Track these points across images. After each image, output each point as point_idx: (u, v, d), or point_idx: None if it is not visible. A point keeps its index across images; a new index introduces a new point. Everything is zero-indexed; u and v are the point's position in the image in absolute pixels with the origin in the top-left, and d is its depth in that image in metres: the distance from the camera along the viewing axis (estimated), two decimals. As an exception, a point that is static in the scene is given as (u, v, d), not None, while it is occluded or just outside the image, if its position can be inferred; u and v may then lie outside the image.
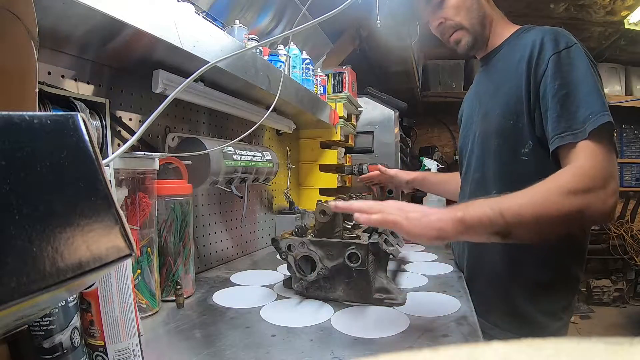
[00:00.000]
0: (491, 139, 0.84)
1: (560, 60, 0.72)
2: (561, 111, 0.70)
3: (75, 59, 0.69)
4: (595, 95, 0.68)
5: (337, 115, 1.63)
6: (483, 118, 0.87)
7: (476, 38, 0.88)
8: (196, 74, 0.56)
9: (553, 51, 0.73)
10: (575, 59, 0.71)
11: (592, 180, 0.63)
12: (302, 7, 0.87)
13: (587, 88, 0.69)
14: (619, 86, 3.48)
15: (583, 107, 0.68)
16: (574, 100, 0.69)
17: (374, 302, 0.72)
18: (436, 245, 1.35)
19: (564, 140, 0.69)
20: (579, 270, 0.82)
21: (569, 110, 0.69)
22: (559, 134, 0.70)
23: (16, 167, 0.19)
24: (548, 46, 0.74)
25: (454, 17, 0.87)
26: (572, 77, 0.70)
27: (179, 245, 0.76)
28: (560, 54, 0.72)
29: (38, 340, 0.36)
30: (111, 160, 0.54)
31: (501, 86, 0.83)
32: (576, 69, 0.71)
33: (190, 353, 0.54)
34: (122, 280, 0.44)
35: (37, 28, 0.31)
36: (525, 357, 0.12)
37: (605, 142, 0.66)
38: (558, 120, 0.70)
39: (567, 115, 0.69)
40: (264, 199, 1.39)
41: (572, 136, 0.68)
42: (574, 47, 0.73)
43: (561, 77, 0.71)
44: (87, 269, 0.21)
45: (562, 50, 0.72)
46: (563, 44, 0.73)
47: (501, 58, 0.86)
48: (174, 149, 0.89)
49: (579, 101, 0.69)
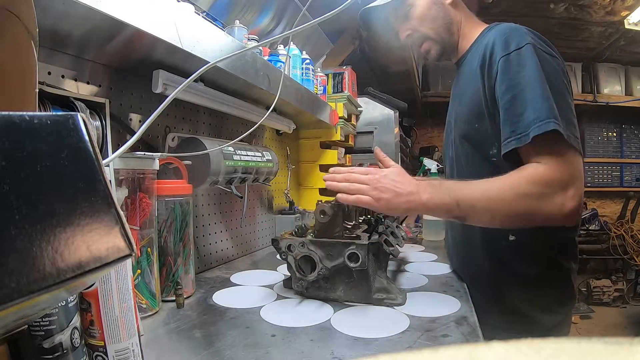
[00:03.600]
0: (462, 144, 0.84)
1: (508, 62, 0.71)
2: (506, 116, 0.70)
3: (75, 59, 0.69)
4: (540, 99, 0.66)
5: (337, 115, 1.63)
6: (455, 123, 0.88)
7: (444, 46, 0.89)
8: (196, 74, 0.56)
9: (502, 54, 0.72)
10: (524, 60, 0.70)
11: (547, 186, 0.64)
12: (302, 7, 0.87)
13: (534, 92, 0.67)
14: (619, 86, 3.48)
15: (528, 111, 0.67)
16: (519, 105, 0.68)
17: (374, 302, 0.72)
18: (436, 246, 1.35)
19: (509, 146, 0.69)
20: (570, 262, 0.81)
21: (515, 115, 0.69)
22: (505, 139, 0.70)
23: (16, 167, 0.19)
24: (498, 49, 0.73)
25: (420, 28, 0.88)
26: (518, 80, 0.69)
27: (179, 245, 0.76)
28: (509, 56, 0.71)
29: (38, 340, 0.36)
30: (111, 160, 0.54)
31: (465, 91, 0.83)
32: (524, 71, 0.69)
33: (190, 353, 0.54)
34: (122, 280, 0.44)
35: (37, 28, 0.31)
36: (525, 357, 0.12)
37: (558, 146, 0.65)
38: (504, 125, 0.70)
39: (512, 119, 0.69)
40: (264, 199, 1.39)
41: (515, 141, 0.68)
42: (525, 47, 0.70)
43: (508, 79, 0.70)
44: (87, 269, 0.21)
45: (511, 52, 0.71)
46: (514, 45, 0.72)
47: (467, 62, 0.87)
48: (174, 149, 0.89)
49: (524, 106, 0.67)
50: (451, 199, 0.66)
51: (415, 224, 1.88)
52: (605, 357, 0.11)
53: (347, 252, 0.69)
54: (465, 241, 0.90)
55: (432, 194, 0.67)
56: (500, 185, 0.66)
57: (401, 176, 0.70)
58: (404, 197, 0.67)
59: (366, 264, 0.69)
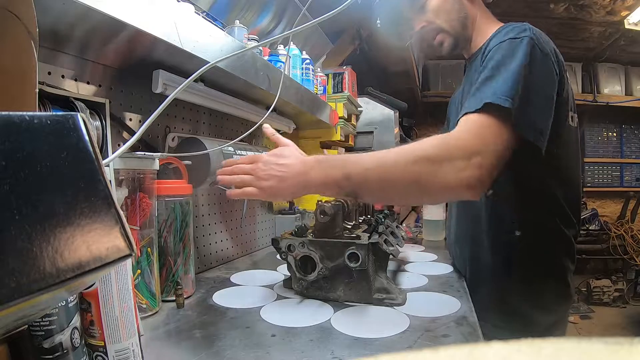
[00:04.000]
0: None
1: (499, 49, 0.70)
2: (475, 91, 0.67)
3: (75, 59, 0.69)
4: (510, 82, 0.64)
5: (337, 115, 1.63)
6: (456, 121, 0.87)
7: (457, 39, 0.89)
8: (196, 74, 0.56)
9: (498, 41, 0.72)
10: (514, 50, 0.68)
11: (450, 150, 0.59)
12: (302, 7, 0.87)
13: (507, 75, 0.65)
14: (619, 86, 3.48)
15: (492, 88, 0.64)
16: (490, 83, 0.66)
17: (374, 302, 0.72)
18: (436, 246, 1.35)
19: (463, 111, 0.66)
20: (568, 261, 0.81)
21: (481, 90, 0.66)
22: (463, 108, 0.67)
23: (16, 167, 0.19)
24: (497, 37, 0.73)
25: (435, 20, 0.87)
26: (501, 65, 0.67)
27: (179, 245, 0.76)
28: (502, 44, 0.70)
29: (38, 340, 0.36)
30: (111, 160, 0.54)
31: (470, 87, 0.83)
32: (510, 58, 0.68)
33: (190, 353, 0.54)
34: (122, 280, 0.44)
35: (37, 28, 0.31)
36: (525, 357, 0.12)
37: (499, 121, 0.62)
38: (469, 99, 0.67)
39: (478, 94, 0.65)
40: (264, 199, 1.39)
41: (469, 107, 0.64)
42: (523, 39, 0.69)
43: (493, 63, 0.69)
44: (87, 269, 0.21)
45: (506, 39, 0.70)
46: (511, 35, 0.71)
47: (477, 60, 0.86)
48: (174, 149, 0.89)
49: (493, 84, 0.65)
50: (341, 174, 0.60)
51: (415, 224, 1.88)
52: (605, 357, 0.11)
53: (347, 252, 0.69)
54: (466, 237, 0.90)
55: (320, 171, 0.61)
56: (398, 151, 0.61)
57: (285, 158, 0.64)
58: (289, 179, 0.62)
59: (366, 264, 0.69)
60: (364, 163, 0.60)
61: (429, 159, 0.59)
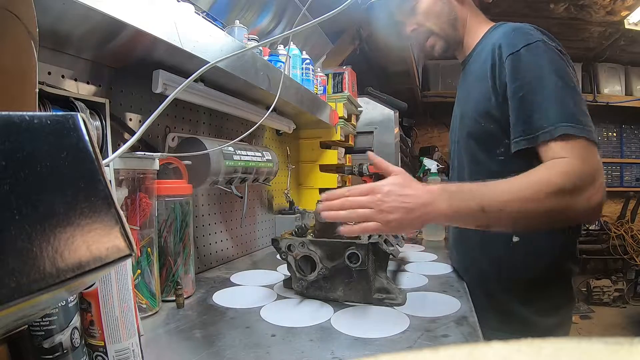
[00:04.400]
0: (467, 142, 0.84)
1: (517, 60, 0.71)
2: (518, 114, 0.70)
3: (75, 59, 0.69)
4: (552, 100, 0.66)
5: (337, 115, 1.63)
6: (460, 122, 0.88)
7: (448, 42, 0.89)
8: (196, 74, 0.56)
9: (510, 51, 0.72)
10: (534, 58, 0.69)
11: (580, 179, 0.60)
12: (302, 7, 0.87)
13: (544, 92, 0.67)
14: (619, 86, 3.48)
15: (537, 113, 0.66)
16: (529, 105, 0.68)
17: (374, 302, 0.72)
18: (436, 246, 1.35)
19: (518, 145, 0.69)
20: (570, 264, 0.81)
21: (525, 115, 0.68)
22: (515, 138, 0.70)
23: (16, 167, 0.19)
24: (505, 48, 0.73)
25: (425, 23, 0.88)
26: (528, 78, 0.69)
27: (179, 245, 0.76)
28: (518, 53, 0.71)
29: (38, 340, 0.36)
30: (111, 160, 0.54)
31: (472, 89, 0.84)
32: (534, 69, 0.69)
33: (190, 353, 0.54)
34: (122, 280, 0.44)
35: (37, 28, 0.31)
36: (525, 357, 0.12)
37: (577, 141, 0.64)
38: (515, 125, 0.70)
39: (523, 119, 0.69)
40: (264, 199, 1.39)
41: (524, 141, 0.68)
42: (535, 44, 0.70)
43: (518, 79, 0.70)
44: (87, 269, 0.21)
45: (520, 49, 0.71)
46: (522, 42, 0.71)
47: (473, 61, 0.87)
48: (174, 149, 0.89)
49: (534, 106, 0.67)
50: (476, 205, 0.59)
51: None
52: (605, 357, 0.11)
53: (347, 252, 0.69)
54: (465, 240, 0.90)
55: (452, 201, 0.59)
56: (530, 184, 0.61)
57: (407, 187, 0.61)
58: (417, 211, 0.59)
59: (366, 264, 0.69)
60: (501, 195, 0.60)
61: (565, 191, 0.59)
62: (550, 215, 0.60)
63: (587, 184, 0.61)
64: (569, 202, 0.60)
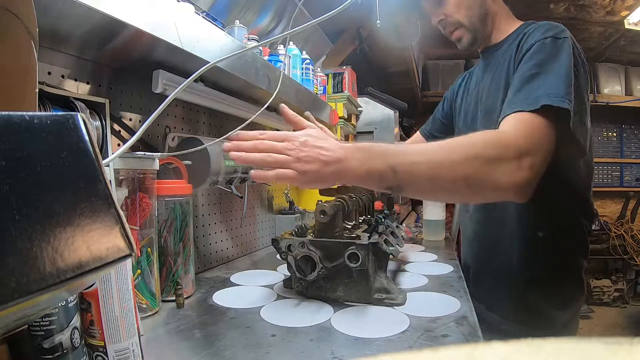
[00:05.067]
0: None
1: (543, 46, 0.70)
2: (522, 86, 0.66)
3: (75, 59, 0.69)
4: (563, 83, 0.64)
5: (337, 115, 1.63)
6: (487, 114, 0.86)
7: (476, 36, 0.87)
8: (196, 74, 0.56)
9: (540, 37, 0.71)
10: (559, 50, 0.69)
11: (504, 149, 0.58)
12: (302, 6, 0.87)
13: (557, 75, 0.65)
14: (619, 86, 3.48)
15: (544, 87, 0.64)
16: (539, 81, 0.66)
17: (374, 302, 0.72)
18: (436, 246, 1.35)
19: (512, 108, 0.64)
20: (583, 259, 0.83)
21: (531, 87, 0.65)
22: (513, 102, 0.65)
23: (16, 167, 0.19)
24: (536, 33, 0.73)
25: (454, 15, 0.85)
26: (548, 62, 0.68)
27: (179, 245, 0.76)
28: (545, 41, 0.70)
29: (38, 340, 0.36)
30: (111, 160, 0.54)
31: (499, 82, 0.82)
32: (556, 57, 0.68)
33: (190, 353, 0.54)
34: (122, 280, 0.44)
35: (37, 28, 0.31)
36: (525, 357, 0.12)
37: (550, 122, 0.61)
38: (515, 94, 0.66)
39: (527, 91, 0.65)
40: (264, 199, 1.39)
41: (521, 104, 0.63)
42: (564, 40, 0.70)
43: (538, 59, 0.69)
44: (87, 269, 0.21)
45: (548, 37, 0.70)
46: (551, 33, 0.71)
47: (502, 54, 0.85)
48: (174, 149, 0.89)
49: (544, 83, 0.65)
50: (386, 165, 0.55)
51: (415, 224, 1.88)
52: (605, 357, 0.11)
53: (347, 252, 0.69)
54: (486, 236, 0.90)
55: (363, 160, 0.56)
56: (450, 147, 0.58)
57: (323, 140, 0.58)
58: (332, 166, 0.55)
59: (366, 264, 0.69)
60: (411, 156, 0.57)
61: (483, 158, 0.56)
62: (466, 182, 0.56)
63: (511, 157, 0.57)
64: (485, 171, 0.56)
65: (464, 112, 0.97)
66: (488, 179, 0.56)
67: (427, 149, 0.58)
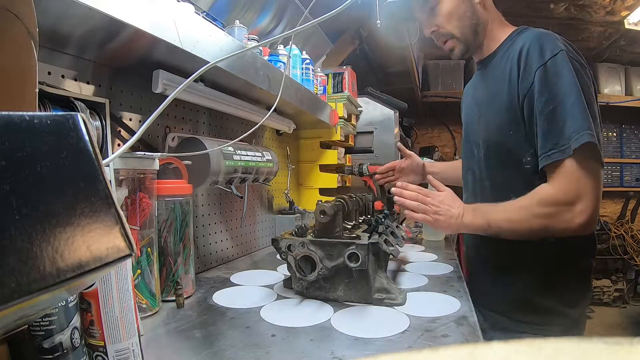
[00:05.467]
0: (492, 148, 0.86)
1: (546, 72, 0.73)
2: (549, 127, 0.73)
3: (75, 59, 0.69)
4: (578, 108, 0.71)
5: (337, 115, 1.63)
6: (485, 127, 0.88)
7: (468, 46, 0.89)
8: (196, 74, 0.56)
9: (539, 64, 0.74)
10: (560, 69, 0.73)
11: (553, 206, 0.73)
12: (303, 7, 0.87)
13: (571, 100, 0.71)
14: (619, 86, 3.48)
15: (569, 121, 0.71)
16: (560, 116, 0.72)
17: (374, 302, 0.72)
18: (436, 246, 1.35)
19: (551, 158, 0.73)
20: (591, 258, 0.85)
21: (557, 126, 0.72)
22: (546, 152, 0.74)
23: (16, 167, 0.19)
24: (534, 57, 0.75)
25: (446, 26, 0.87)
26: (557, 90, 0.72)
27: (179, 245, 0.76)
28: (546, 66, 0.73)
29: (38, 340, 0.36)
30: (111, 160, 0.54)
31: (496, 95, 0.84)
32: (562, 80, 0.72)
33: (190, 353, 0.54)
34: (122, 280, 0.44)
35: (37, 28, 0.31)
36: (525, 357, 0.12)
37: (586, 159, 0.71)
38: (545, 138, 0.74)
39: (555, 132, 0.73)
40: (264, 199, 1.39)
41: (559, 153, 0.72)
42: (559, 54, 0.73)
43: (548, 91, 0.73)
44: (87, 269, 0.21)
45: (547, 61, 0.73)
46: (548, 53, 0.74)
47: (496, 64, 0.87)
48: (174, 149, 0.89)
49: (565, 116, 0.71)
50: (484, 221, 0.78)
51: (415, 224, 1.88)
52: (605, 357, 0.11)
53: (347, 252, 0.69)
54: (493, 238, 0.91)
55: (472, 217, 0.79)
56: (517, 209, 0.76)
57: (454, 201, 0.81)
58: (453, 219, 0.79)
59: (366, 264, 0.69)
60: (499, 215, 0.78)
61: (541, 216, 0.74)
62: (535, 233, 0.76)
63: (562, 210, 0.73)
64: (548, 224, 0.74)
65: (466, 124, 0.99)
66: (551, 229, 0.74)
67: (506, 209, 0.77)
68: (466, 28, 0.86)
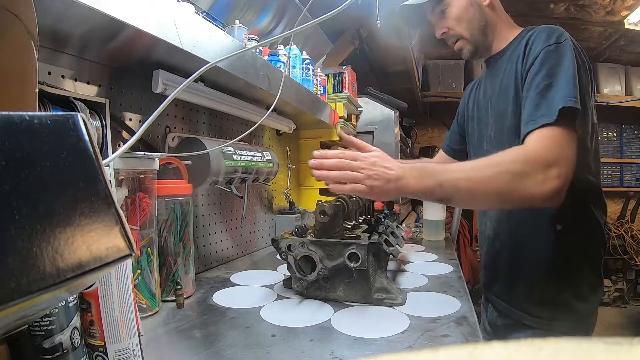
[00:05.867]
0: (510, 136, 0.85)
1: (548, 53, 0.74)
2: (540, 100, 0.72)
3: (75, 59, 0.69)
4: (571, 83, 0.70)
5: (337, 115, 1.63)
6: (498, 118, 0.89)
7: (477, 47, 0.91)
8: (196, 74, 0.56)
9: (544, 45, 0.75)
10: (563, 54, 0.73)
11: (529, 164, 0.66)
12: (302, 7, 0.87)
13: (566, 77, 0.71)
14: (619, 86, 3.48)
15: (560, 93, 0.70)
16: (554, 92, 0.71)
17: (374, 302, 0.72)
18: (436, 246, 1.35)
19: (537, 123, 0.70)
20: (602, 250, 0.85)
21: (547, 99, 0.71)
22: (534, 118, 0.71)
23: (16, 167, 0.19)
24: (540, 41, 0.76)
25: (455, 28, 0.90)
26: (556, 70, 0.73)
27: (179, 245, 0.76)
28: (550, 47, 0.74)
29: (38, 340, 0.36)
30: (111, 160, 0.54)
31: (508, 86, 0.85)
32: (563, 62, 0.73)
33: (190, 353, 0.54)
34: (122, 280, 0.44)
35: (37, 28, 0.31)
36: (525, 357, 0.12)
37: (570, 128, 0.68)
38: (535, 109, 0.72)
39: (545, 103, 0.71)
40: (264, 199, 1.39)
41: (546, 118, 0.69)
42: (565, 42, 0.74)
43: (547, 69, 0.73)
44: (87, 269, 0.21)
45: (552, 44, 0.75)
46: (554, 39, 0.75)
47: (506, 60, 0.88)
48: (174, 149, 0.89)
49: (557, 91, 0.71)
50: (434, 182, 0.66)
51: (415, 224, 1.88)
52: (605, 357, 0.11)
53: (347, 252, 0.69)
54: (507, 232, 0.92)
55: (418, 178, 0.67)
56: (483, 164, 0.68)
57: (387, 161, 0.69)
58: (393, 182, 0.66)
59: (366, 264, 0.69)
60: (453, 173, 0.67)
61: (510, 173, 0.65)
62: (499, 195, 0.66)
63: (537, 170, 0.65)
64: (516, 186, 0.65)
65: (477, 119, 0.99)
66: (517, 191, 0.65)
67: (465, 167, 0.69)
68: (475, 30, 0.89)
